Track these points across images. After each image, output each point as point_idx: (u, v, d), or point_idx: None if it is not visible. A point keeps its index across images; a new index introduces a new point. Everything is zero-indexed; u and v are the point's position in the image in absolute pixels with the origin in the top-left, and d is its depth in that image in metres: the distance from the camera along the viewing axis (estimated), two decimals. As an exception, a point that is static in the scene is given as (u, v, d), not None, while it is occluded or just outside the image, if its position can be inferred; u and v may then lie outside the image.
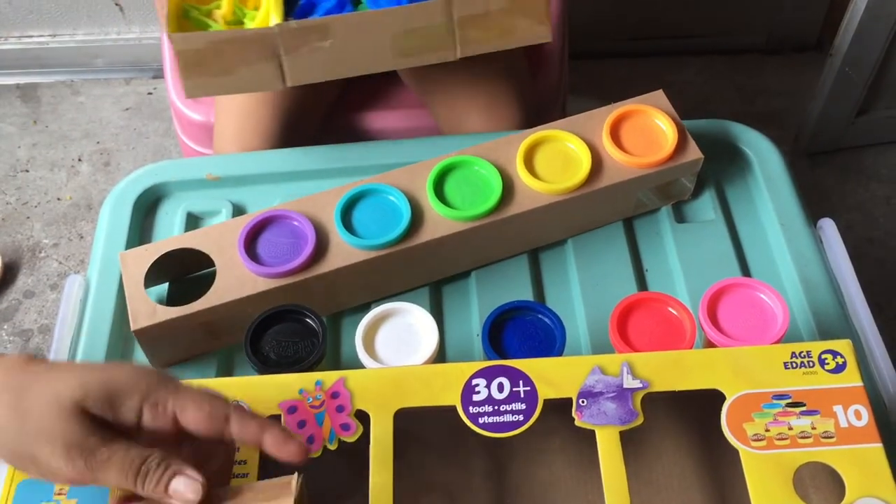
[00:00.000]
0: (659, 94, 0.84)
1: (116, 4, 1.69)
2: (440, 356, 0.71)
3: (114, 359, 0.76)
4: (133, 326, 0.71)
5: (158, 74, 1.77)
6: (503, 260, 0.82)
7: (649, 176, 0.79)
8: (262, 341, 0.67)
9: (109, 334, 0.76)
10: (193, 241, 0.75)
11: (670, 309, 0.68)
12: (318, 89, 1.03)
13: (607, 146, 0.80)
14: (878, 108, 1.61)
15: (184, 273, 0.79)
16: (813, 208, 0.85)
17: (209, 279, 0.73)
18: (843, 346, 0.58)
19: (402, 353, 0.67)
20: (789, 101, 1.75)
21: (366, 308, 0.72)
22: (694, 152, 0.80)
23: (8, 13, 1.71)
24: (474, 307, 0.79)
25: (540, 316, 0.69)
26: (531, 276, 0.81)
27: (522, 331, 0.69)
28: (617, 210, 0.83)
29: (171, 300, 0.77)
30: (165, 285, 0.80)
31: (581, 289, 0.79)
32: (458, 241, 0.77)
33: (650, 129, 0.81)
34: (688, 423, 0.66)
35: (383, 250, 0.74)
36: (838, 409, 0.55)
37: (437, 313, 0.79)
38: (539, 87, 1.12)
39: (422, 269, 0.79)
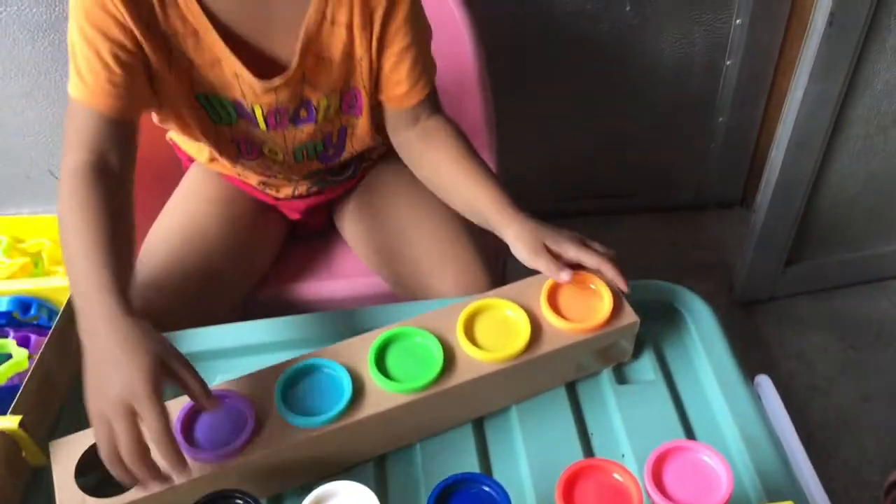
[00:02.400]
0: None
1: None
2: (385, 536, 0.69)
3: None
4: None
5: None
6: (448, 430, 0.81)
7: (588, 340, 0.81)
8: (200, 531, 0.64)
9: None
10: None
11: (616, 475, 0.68)
12: (238, 267, 1.04)
13: (546, 313, 0.81)
14: (805, 258, 1.67)
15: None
16: (753, 358, 0.87)
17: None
18: (786, 508, 0.58)
19: (344, 536, 0.64)
20: (721, 254, 1.81)
21: (307, 488, 0.70)
22: (629, 316, 0.82)
23: (-50, 195, 1.72)
24: (420, 480, 0.77)
25: (485, 488, 0.68)
26: (476, 446, 0.80)
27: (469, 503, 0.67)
28: (559, 375, 0.84)
29: (101, 491, 0.73)
30: (97, 475, 0.77)
31: (527, 456, 0.78)
32: (401, 413, 0.76)
33: (587, 294, 0.83)
34: None
35: (325, 427, 0.73)
36: (787, 575, 0.55)
37: (382, 488, 0.77)
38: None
39: (365, 443, 0.77)
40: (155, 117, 1.02)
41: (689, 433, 0.80)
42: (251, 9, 0.86)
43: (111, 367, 0.67)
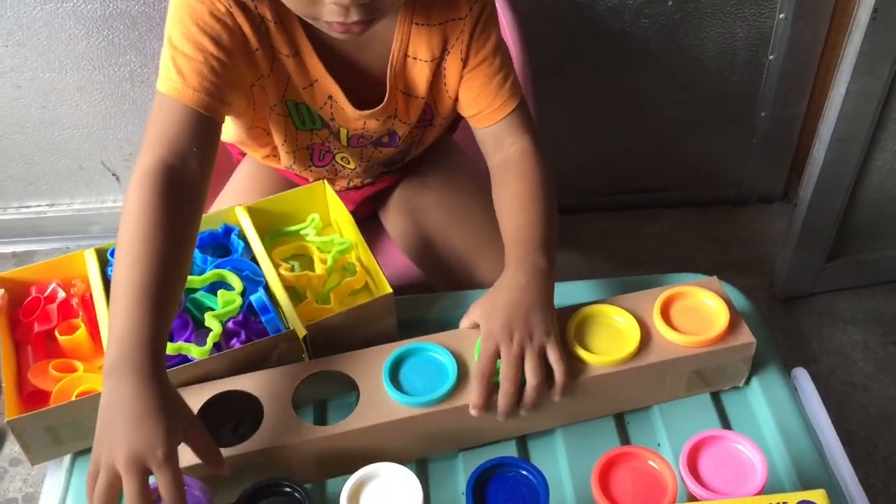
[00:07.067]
0: (713, 280, 0.85)
1: (113, 175, 1.76)
2: (426, 517, 0.71)
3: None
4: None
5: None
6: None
7: (699, 356, 0.79)
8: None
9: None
10: (245, 383, 0.77)
11: (651, 463, 0.69)
12: None
13: (658, 324, 0.81)
14: (847, 253, 1.66)
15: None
16: (793, 353, 0.87)
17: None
18: (819, 496, 0.59)
19: (387, 515, 0.67)
20: (761, 250, 1.81)
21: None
22: (745, 336, 0.80)
23: (8, 185, 1.78)
24: (459, 463, 0.79)
25: (524, 472, 0.70)
26: (515, 432, 0.82)
27: (507, 488, 0.69)
28: (665, 390, 0.82)
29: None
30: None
31: (564, 442, 0.80)
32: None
33: (702, 309, 0.82)
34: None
35: (427, 408, 0.76)
36: (818, 560, 0.56)
37: (422, 470, 0.79)
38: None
39: (461, 432, 0.78)
40: (233, 130, 1.04)
41: (726, 423, 0.81)
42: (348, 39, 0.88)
43: (135, 421, 0.65)
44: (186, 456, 0.71)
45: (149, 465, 0.64)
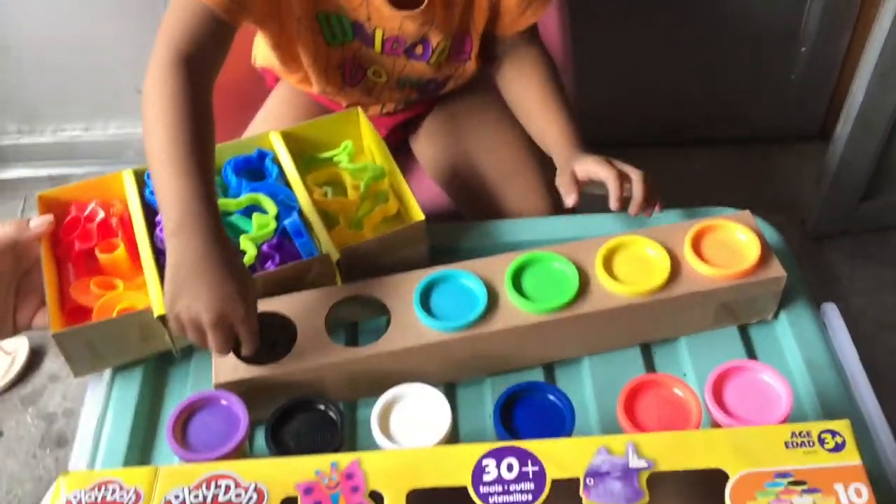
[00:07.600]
0: (745, 214, 0.85)
1: (147, 99, 1.77)
2: (454, 435, 0.73)
3: (136, 446, 0.78)
4: (215, 381, 0.74)
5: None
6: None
7: (727, 289, 0.79)
8: (283, 431, 0.70)
9: (134, 418, 0.79)
10: (280, 304, 0.79)
11: (677, 390, 0.70)
12: None
13: (688, 256, 0.81)
14: (883, 193, 1.64)
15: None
16: (823, 292, 0.87)
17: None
18: (842, 426, 0.60)
19: (416, 433, 0.69)
20: (795, 188, 1.79)
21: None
22: (776, 270, 0.80)
23: (43, 109, 1.79)
24: (487, 386, 0.81)
25: (550, 396, 0.71)
26: (542, 359, 0.83)
27: (533, 411, 0.71)
28: (693, 322, 0.82)
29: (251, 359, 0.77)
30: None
31: (591, 370, 0.81)
32: (530, 333, 0.78)
33: (734, 242, 0.82)
34: (693, 503, 0.67)
35: (456, 333, 0.77)
36: (839, 487, 0.57)
37: (450, 393, 0.81)
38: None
39: (489, 358, 0.80)
40: (261, 49, 1.04)
41: (752, 354, 0.82)
42: None
43: (212, 280, 0.69)
44: (224, 372, 0.74)
45: (232, 320, 0.70)
